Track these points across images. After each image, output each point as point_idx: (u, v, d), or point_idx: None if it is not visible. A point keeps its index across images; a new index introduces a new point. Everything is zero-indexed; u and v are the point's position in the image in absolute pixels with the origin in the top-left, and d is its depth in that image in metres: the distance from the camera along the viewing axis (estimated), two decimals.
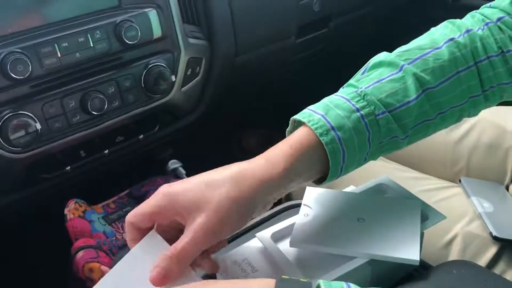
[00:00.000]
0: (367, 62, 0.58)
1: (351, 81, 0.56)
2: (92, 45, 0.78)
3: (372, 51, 0.62)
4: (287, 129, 0.55)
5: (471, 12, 0.62)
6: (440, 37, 0.58)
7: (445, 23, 0.61)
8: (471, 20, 0.60)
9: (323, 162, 0.51)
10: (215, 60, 0.98)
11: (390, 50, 0.59)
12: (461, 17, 0.63)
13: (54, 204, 0.87)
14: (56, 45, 0.74)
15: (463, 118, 0.60)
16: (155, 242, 0.53)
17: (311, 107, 0.53)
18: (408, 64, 0.55)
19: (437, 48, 0.56)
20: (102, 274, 0.78)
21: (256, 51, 1.07)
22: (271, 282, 0.39)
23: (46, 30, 0.74)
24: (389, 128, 0.52)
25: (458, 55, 0.56)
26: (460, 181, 0.80)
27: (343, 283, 0.39)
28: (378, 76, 0.54)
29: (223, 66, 0.99)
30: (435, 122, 0.57)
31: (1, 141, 0.72)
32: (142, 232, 0.49)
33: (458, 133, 0.87)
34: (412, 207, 0.58)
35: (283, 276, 0.40)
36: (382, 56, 0.57)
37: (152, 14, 0.83)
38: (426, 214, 0.59)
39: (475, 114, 0.61)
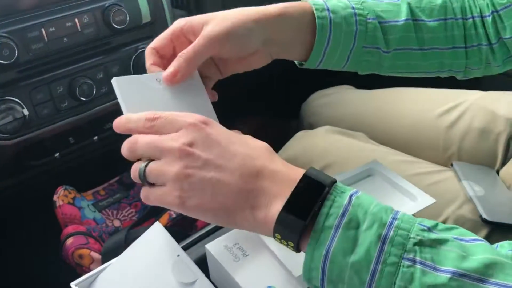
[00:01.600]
0: None
1: None
2: (80, 30, 0.77)
3: None
4: None
5: None
6: None
7: None
8: None
9: (310, 35, 0.58)
10: None
11: None
12: None
13: (43, 191, 0.87)
14: (43, 29, 0.73)
15: (444, 69, 0.66)
16: (158, 233, 0.53)
17: None
18: None
19: None
20: (92, 260, 0.78)
21: None
22: None
23: (33, 14, 0.73)
24: (374, 36, 0.60)
25: (449, 5, 0.64)
26: (452, 165, 0.81)
27: (354, 189, 0.43)
28: None
29: None
30: (417, 55, 0.63)
31: None
32: (163, 58, 0.57)
33: (450, 118, 0.87)
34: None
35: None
36: None
37: None
38: (415, 197, 0.59)
39: (457, 68, 0.67)
